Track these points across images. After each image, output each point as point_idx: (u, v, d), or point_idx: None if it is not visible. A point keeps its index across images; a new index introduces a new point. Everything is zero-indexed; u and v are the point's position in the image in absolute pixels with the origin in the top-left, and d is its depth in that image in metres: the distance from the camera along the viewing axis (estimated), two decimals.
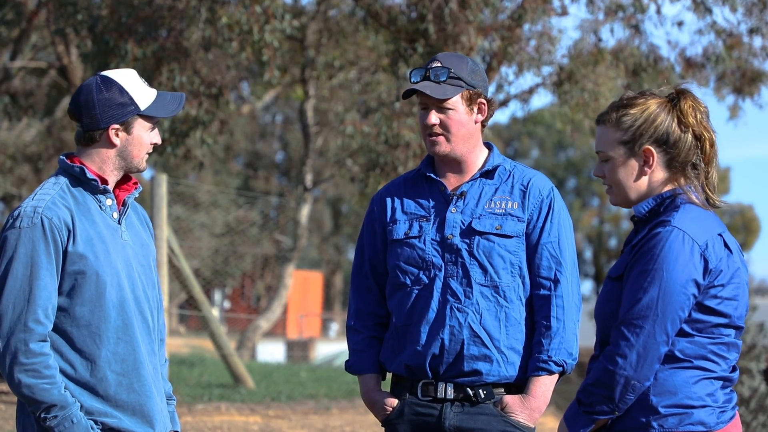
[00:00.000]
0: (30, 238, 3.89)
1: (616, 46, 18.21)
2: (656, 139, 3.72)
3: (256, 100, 27.57)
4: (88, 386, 3.95)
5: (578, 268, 4.50)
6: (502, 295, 4.34)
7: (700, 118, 3.72)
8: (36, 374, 3.86)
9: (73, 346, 3.94)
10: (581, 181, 64.77)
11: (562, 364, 4.32)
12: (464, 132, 4.42)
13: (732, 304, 3.64)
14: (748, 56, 18.26)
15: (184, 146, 17.58)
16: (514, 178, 4.45)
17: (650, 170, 3.73)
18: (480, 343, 4.31)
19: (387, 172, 16.15)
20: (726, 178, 58.78)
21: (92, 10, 15.74)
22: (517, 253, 4.36)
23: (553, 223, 4.39)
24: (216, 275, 28.90)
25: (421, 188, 4.51)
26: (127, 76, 4.08)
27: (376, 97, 18.20)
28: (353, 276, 4.64)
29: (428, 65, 4.42)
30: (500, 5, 16.01)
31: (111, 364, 3.96)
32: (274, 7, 14.64)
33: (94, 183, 4.02)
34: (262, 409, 13.42)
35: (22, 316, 3.86)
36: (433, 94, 4.35)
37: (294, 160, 44.23)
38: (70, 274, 3.92)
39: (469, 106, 4.42)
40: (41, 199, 3.96)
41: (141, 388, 4.01)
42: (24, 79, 25.11)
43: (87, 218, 3.99)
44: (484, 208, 4.39)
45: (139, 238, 4.15)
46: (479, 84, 4.43)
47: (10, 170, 28.92)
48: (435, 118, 4.39)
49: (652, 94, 3.77)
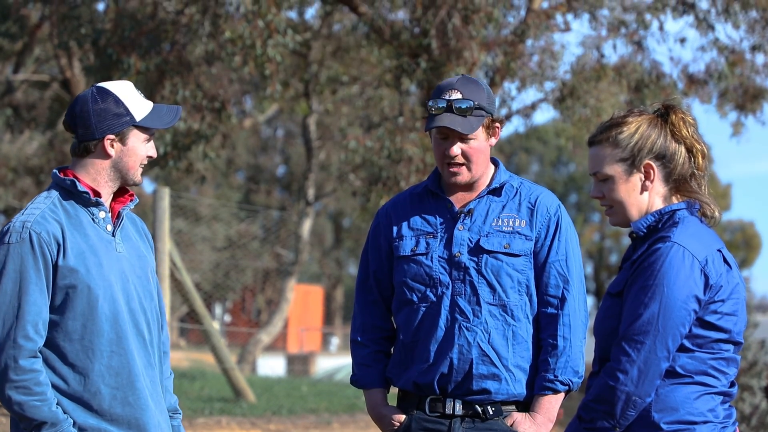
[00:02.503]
0: (18, 253, 3.87)
1: (619, 62, 18.24)
2: (655, 154, 3.73)
3: (258, 114, 27.60)
4: (81, 401, 3.92)
5: (584, 285, 4.49)
6: (509, 314, 4.33)
7: (692, 131, 3.75)
8: (26, 391, 3.83)
9: (66, 361, 3.92)
10: (582, 197, 64.77)
11: (568, 383, 4.32)
12: (483, 158, 4.40)
13: (732, 320, 3.65)
14: (750, 73, 18.28)
15: (187, 160, 17.59)
16: (521, 195, 4.43)
17: (651, 185, 3.74)
18: (489, 362, 4.31)
19: (389, 186, 16.15)
20: (727, 194, 58.75)
21: (95, 23, 15.77)
22: (525, 272, 4.35)
23: (561, 240, 4.38)
24: (217, 289, 28.88)
25: (428, 204, 4.48)
26: (123, 88, 4.06)
27: (379, 112, 18.23)
28: (358, 290, 4.61)
29: (447, 95, 4.36)
30: (503, 21, 16.04)
31: (104, 377, 3.94)
32: (277, 21, 14.67)
33: (85, 196, 4.00)
34: (263, 423, 13.40)
35: (12, 332, 3.84)
36: (463, 130, 4.31)
37: (296, 174, 44.24)
38: (61, 289, 3.90)
39: (487, 132, 4.40)
40: (31, 214, 3.94)
41: (136, 401, 3.98)
42: (27, 92, 25.14)
43: (79, 231, 3.96)
44: (491, 226, 4.38)
45: (135, 250, 4.12)
46: (494, 108, 4.42)
47: (12, 183, 28.93)
48: (458, 149, 4.35)
49: (641, 112, 3.79)
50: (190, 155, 17.64)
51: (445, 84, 4.41)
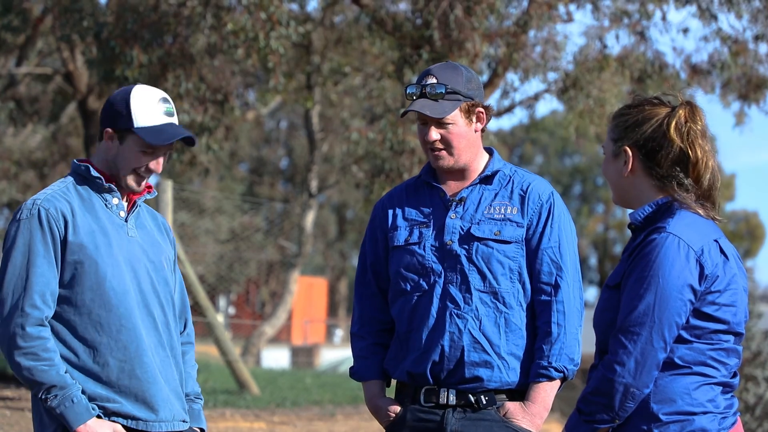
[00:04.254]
0: (28, 228, 4.07)
1: (622, 52, 18.20)
2: (635, 142, 3.69)
3: (261, 107, 27.59)
4: (91, 373, 4.09)
5: (581, 273, 4.50)
6: (501, 301, 4.34)
7: (692, 135, 3.65)
8: (34, 357, 4.01)
9: (76, 334, 4.09)
10: (587, 188, 64.72)
11: (563, 370, 4.33)
12: (465, 143, 4.41)
13: (730, 311, 3.64)
14: (753, 63, 18.24)
15: (190, 152, 17.60)
16: (514, 183, 4.44)
17: (627, 171, 3.71)
18: (480, 350, 4.31)
19: (392, 178, 16.14)
20: (731, 184, 58.69)
21: (98, 16, 15.75)
22: (516, 259, 4.36)
23: (553, 228, 4.38)
24: (221, 281, 28.90)
25: (422, 195, 4.51)
26: (145, 94, 4.19)
27: (381, 104, 18.20)
28: (356, 283, 4.64)
29: (423, 81, 4.39)
30: (505, 12, 16.00)
31: (113, 350, 4.09)
32: (279, 13, 14.64)
33: (98, 181, 4.18)
34: (267, 415, 13.41)
35: (20, 301, 4.03)
36: (432, 114, 4.34)
37: (299, 166, 44.23)
38: (70, 264, 4.08)
39: (467, 118, 4.41)
40: (42, 194, 4.16)
41: (144, 374, 4.12)
42: (29, 85, 25.13)
43: (90, 213, 4.15)
44: (483, 214, 4.39)
45: (150, 237, 4.27)
46: (475, 93, 4.42)
47: (15, 176, 28.95)
48: (435, 134, 4.38)
49: (660, 102, 3.72)
50: (194, 148, 17.64)
51: (425, 70, 4.44)
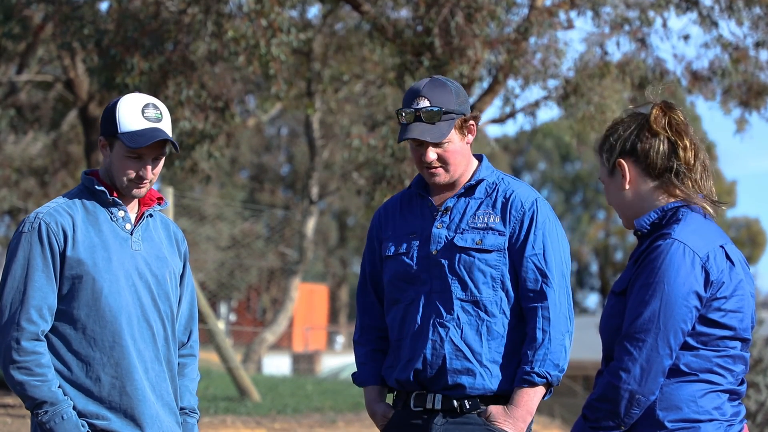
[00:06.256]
0: (28, 241, 4.10)
1: (622, 59, 18.20)
2: (623, 151, 3.71)
3: (261, 114, 27.61)
4: (83, 388, 4.11)
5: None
6: (483, 309, 4.37)
7: (675, 123, 3.69)
8: (27, 372, 4.03)
9: (70, 348, 4.11)
10: (588, 194, 64.74)
11: (545, 376, 4.34)
12: (460, 158, 4.46)
13: (737, 317, 3.63)
14: (754, 69, 18.23)
15: (191, 159, 17.61)
16: (498, 191, 4.47)
17: (627, 182, 3.73)
18: (462, 357, 4.36)
19: (393, 185, 16.14)
20: (732, 191, 58.68)
21: (98, 24, 15.76)
22: (499, 267, 4.38)
23: (537, 235, 4.39)
24: (222, 288, 28.89)
25: (414, 205, 4.57)
26: (131, 101, 4.21)
27: (382, 110, 18.21)
28: (358, 292, 4.72)
29: (415, 103, 4.39)
30: (506, 19, 16.01)
31: (105, 366, 4.12)
32: (280, 20, 14.65)
33: (102, 194, 4.20)
34: (268, 422, 13.40)
35: (16, 315, 4.05)
36: (433, 139, 4.36)
37: (300, 173, 44.24)
38: (68, 278, 4.11)
39: (461, 133, 4.45)
40: (46, 207, 4.19)
41: (133, 392, 4.14)
42: (30, 93, 25.14)
43: (94, 227, 4.16)
44: (467, 223, 4.43)
45: (155, 251, 4.27)
46: (465, 107, 4.45)
47: (16, 183, 28.94)
48: (433, 154, 4.41)
49: (634, 113, 3.76)
50: (195, 155, 17.66)
51: (413, 90, 4.42)
